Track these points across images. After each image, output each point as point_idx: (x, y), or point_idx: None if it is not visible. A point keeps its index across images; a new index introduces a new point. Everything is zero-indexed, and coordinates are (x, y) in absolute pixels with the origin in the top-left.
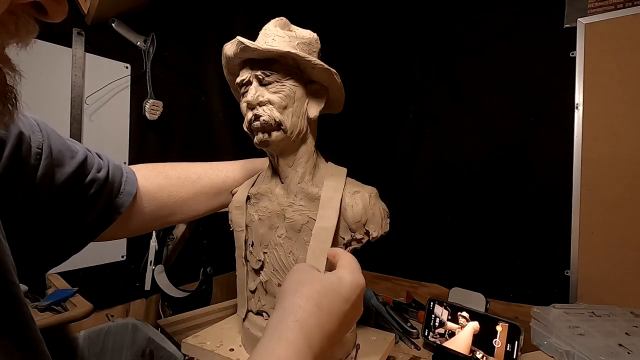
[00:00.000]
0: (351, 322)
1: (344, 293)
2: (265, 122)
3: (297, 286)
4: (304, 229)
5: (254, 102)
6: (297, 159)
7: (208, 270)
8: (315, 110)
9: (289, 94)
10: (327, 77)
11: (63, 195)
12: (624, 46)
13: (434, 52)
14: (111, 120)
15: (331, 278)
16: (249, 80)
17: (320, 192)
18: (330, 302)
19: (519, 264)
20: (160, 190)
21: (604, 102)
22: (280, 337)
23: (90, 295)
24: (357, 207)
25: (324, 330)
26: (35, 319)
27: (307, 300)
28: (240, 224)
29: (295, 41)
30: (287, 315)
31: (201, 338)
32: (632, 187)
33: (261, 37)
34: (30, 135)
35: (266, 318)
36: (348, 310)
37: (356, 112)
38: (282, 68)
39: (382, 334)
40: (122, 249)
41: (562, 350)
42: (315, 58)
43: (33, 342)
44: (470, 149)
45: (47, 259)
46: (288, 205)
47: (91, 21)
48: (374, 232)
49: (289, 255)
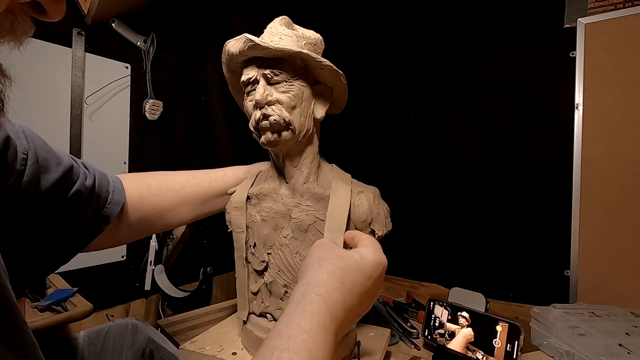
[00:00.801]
0: (372, 298)
1: (366, 270)
2: (275, 121)
3: (321, 262)
4: (310, 229)
5: (263, 101)
6: (303, 159)
7: (208, 270)
8: (322, 110)
9: (298, 94)
10: (333, 78)
11: (50, 202)
12: (624, 46)
13: (434, 52)
14: (111, 120)
15: (354, 255)
16: (256, 78)
17: (327, 192)
18: (353, 279)
19: (519, 264)
20: (143, 200)
21: (604, 102)
22: (304, 310)
23: (90, 295)
24: (363, 206)
25: (346, 305)
26: (35, 319)
27: (331, 275)
28: (241, 225)
29: (302, 41)
30: (311, 289)
31: (199, 343)
32: (632, 187)
33: (267, 35)
34: (16, 140)
35: (270, 320)
36: (370, 287)
37: (356, 112)
38: (290, 68)
39: (379, 329)
40: (122, 249)
41: (562, 350)
42: (324, 59)
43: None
44: (470, 149)
45: (36, 269)
46: (294, 206)
47: (91, 21)
48: (379, 231)
49: (295, 255)
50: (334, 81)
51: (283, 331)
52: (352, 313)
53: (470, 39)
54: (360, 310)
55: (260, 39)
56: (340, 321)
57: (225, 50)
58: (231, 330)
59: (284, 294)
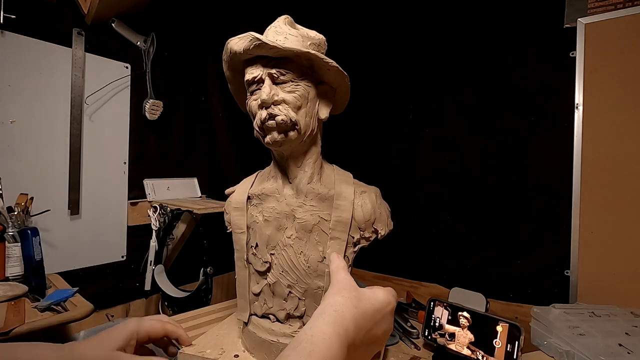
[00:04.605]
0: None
1: (376, 304)
2: (283, 121)
3: (340, 290)
4: (315, 229)
5: (270, 101)
6: (306, 160)
7: (208, 270)
8: (326, 111)
9: (304, 94)
10: (338, 79)
11: None
12: (624, 46)
13: (433, 52)
14: (111, 120)
15: (367, 292)
16: (262, 78)
17: (330, 192)
18: (365, 306)
19: (519, 264)
20: None
21: (604, 102)
22: (323, 319)
23: (90, 295)
24: (367, 206)
25: (357, 323)
26: (35, 319)
27: (347, 299)
28: (241, 226)
29: (307, 41)
30: (329, 306)
31: (199, 347)
32: (632, 187)
33: (271, 34)
34: None
35: (273, 321)
36: (379, 319)
37: (356, 112)
38: (296, 67)
39: None
40: (122, 249)
41: (562, 350)
42: (331, 60)
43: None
44: (470, 149)
45: None
46: (298, 206)
47: (91, 21)
48: (382, 230)
49: (300, 255)
50: (338, 82)
51: (308, 331)
52: (364, 332)
53: (470, 39)
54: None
55: (264, 37)
56: (352, 336)
57: (227, 47)
58: (231, 332)
59: (287, 294)
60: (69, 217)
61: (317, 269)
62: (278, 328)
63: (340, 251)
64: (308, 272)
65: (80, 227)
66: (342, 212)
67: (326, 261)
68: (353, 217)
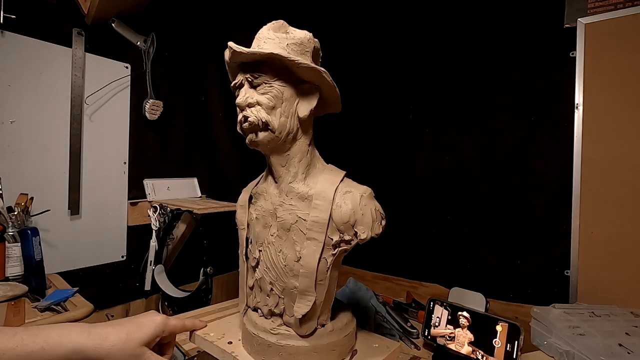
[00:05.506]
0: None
1: None
2: (252, 122)
3: None
4: (293, 228)
5: (243, 104)
6: (290, 159)
7: (208, 270)
8: (306, 109)
9: (277, 94)
10: (315, 76)
11: None
12: (624, 46)
13: (433, 52)
14: (111, 120)
15: None
16: (241, 83)
17: (311, 191)
18: None
19: (519, 264)
20: None
21: (604, 102)
22: None
23: (90, 295)
24: (346, 207)
25: None
26: (35, 319)
27: None
28: (242, 222)
29: (285, 42)
30: None
31: (208, 329)
32: (632, 187)
33: (255, 41)
34: None
35: (261, 314)
36: None
37: (356, 112)
38: (270, 69)
39: (386, 341)
40: (122, 249)
41: (562, 350)
42: (299, 57)
43: None
44: (470, 149)
45: None
46: (279, 205)
47: (91, 21)
48: (363, 233)
49: (279, 253)
50: (318, 79)
51: None
52: None
53: (470, 39)
54: None
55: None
56: None
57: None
58: (237, 322)
59: (270, 290)
60: (69, 217)
61: (293, 268)
62: (261, 322)
63: (316, 252)
64: (285, 270)
65: (80, 227)
66: (319, 212)
67: (301, 261)
68: (331, 218)
